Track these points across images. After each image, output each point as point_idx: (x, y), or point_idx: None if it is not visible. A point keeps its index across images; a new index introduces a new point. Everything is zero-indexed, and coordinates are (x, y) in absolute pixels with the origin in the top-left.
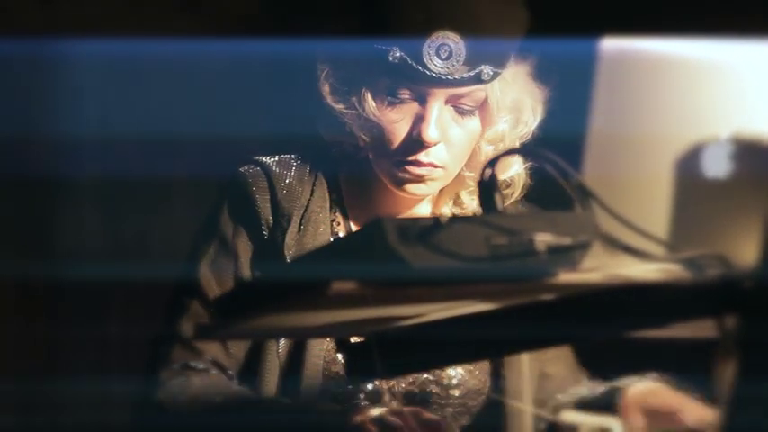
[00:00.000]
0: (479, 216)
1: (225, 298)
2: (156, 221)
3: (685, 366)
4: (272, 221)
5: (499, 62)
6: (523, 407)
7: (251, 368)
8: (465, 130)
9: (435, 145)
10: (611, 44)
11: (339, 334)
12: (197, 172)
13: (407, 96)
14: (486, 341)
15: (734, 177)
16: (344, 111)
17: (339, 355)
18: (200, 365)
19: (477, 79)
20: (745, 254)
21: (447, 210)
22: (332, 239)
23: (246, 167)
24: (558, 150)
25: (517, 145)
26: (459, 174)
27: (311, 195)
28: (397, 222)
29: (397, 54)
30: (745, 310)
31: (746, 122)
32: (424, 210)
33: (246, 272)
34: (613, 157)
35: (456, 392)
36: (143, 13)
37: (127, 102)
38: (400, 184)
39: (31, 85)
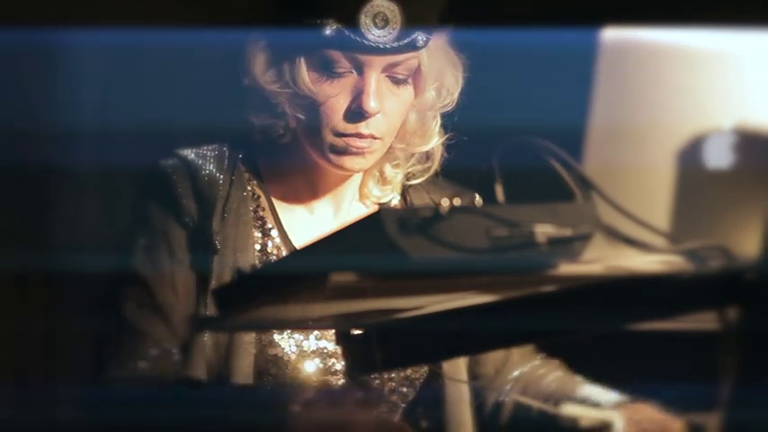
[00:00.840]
0: (479, 207)
1: (225, 290)
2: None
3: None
4: (195, 210)
5: (428, 29)
6: (460, 380)
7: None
8: (399, 100)
9: (375, 116)
10: (611, 34)
11: (338, 326)
12: None
13: (344, 69)
14: (486, 333)
15: (736, 168)
16: (278, 90)
17: (276, 338)
18: (150, 350)
19: (413, 46)
20: (747, 245)
21: (373, 186)
22: (256, 223)
23: (167, 161)
24: (558, 141)
25: (439, 113)
26: (389, 146)
27: (231, 184)
28: (397, 213)
29: (334, 26)
30: (748, 302)
31: (749, 113)
32: (351, 189)
33: (181, 259)
34: (614, 148)
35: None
36: (144, 3)
37: (126, 93)
38: (338, 159)
39: (29, 76)
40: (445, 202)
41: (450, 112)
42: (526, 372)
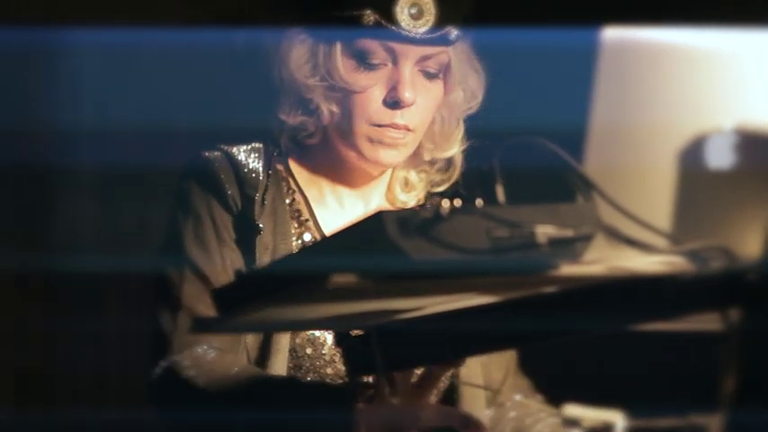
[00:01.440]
0: (480, 207)
1: (225, 291)
2: (155, 213)
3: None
4: (238, 197)
5: (460, 27)
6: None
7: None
8: (431, 95)
9: (410, 106)
10: (612, 34)
11: (339, 327)
12: None
13: (379, 60)
14: (487, 334)
15: (737, 169)
16: (314, 84)
17: (312, 334)
18: (209, 349)
19: (445, 39)
20: (748, 246)
21: (399, 192)
22: (293, 215)
23: (207, 152)
24: (559, 141)
25: (463, 117)
26: (418, 145)
27: (268, 178)
28: (398, 214)
29: (371, 18)
30: (750, 302)
31: (750, 113)
32: (379, 190)
33: (228, 242)
34: (615, 149)
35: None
36: (143, 2)
37: (125, 92)
38: (373, 150)
39: (29, 76)
40: (445, 204)
41: (472, 118)
42: (525, 403)
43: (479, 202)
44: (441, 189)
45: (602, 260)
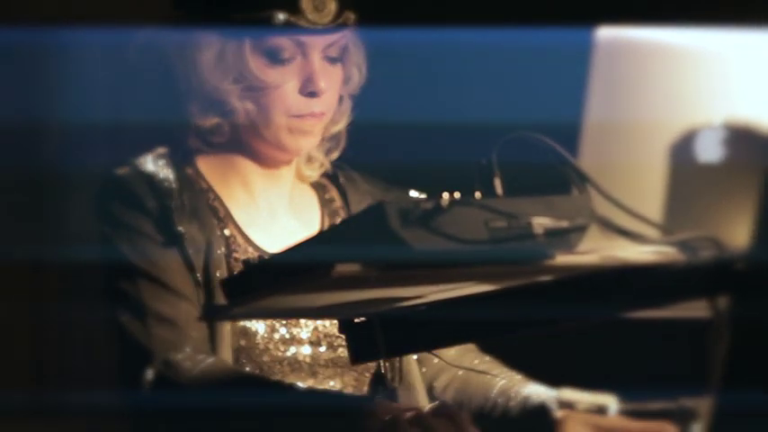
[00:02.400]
0: (479, 200)
1: (233, 280)
2: None
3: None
4: (156, 209)
5: (351, 10)
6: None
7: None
8: (335, 78)
9: (324, 94)
10: (606, 33)
11: (343, 315)
12: None
13: (290, 55)
14: (485, 322)
15: (726, 162)
16: (228, 87)
17: (243, 325)
18: (187, 348)
19: (345, 25)
20: (737, 236)
21: (305, 168)
22: (211, 212)
23: (121, 170)
24: (555, 136)
25: (348, 95)
26: None
27: (181, 181)
28: (399, 206)
29: (281, 17)
30: (738, 290)
31: (737, 109)
32: (290, 173)
33: (161, 246)
34: (609, 143)
35: None
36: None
37: (133, 93)
38: (294, 140)
39: (42, 76)
40: (446, 196)
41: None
42: (464, 361)
43: (478, 194)
44: (335, 156)
45: (596, 250)
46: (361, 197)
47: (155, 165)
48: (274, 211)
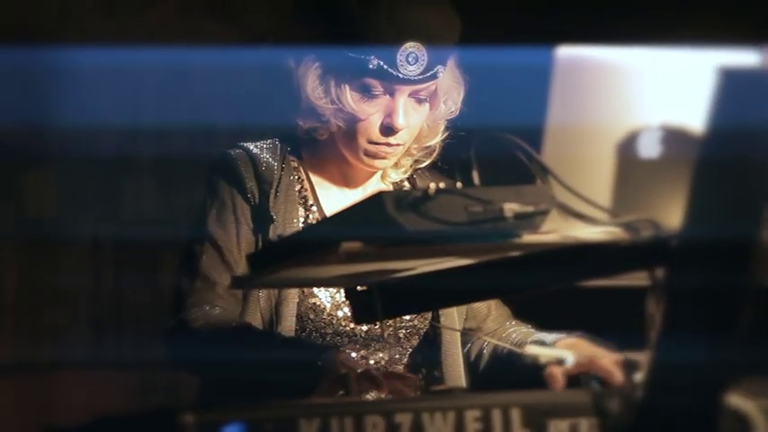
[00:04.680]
0: (460, 189)
1: (257, 255)
2: (199, 195)
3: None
4: (256, 190)
5: (446, 62)
6: (454, 329)
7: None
8: (419, 115)
9: (402, 130)
10: (564, 52)
11: (347, 283)
12: None
13: (379, 92)
14: (465, 289)
15: (662, 157)
16: (325, 105)
17: (315, 290)
18: (219, 299)
19: (434, 77)
20: (671, 219)
21: (391, 172)
22: (300, 201)
23: (232, 150)
24: (523, 137)
25: (445, 120)
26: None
27: (282, 170)
28: (394, 195)
29: (375, 62)
30: (672, 263)
31: (672, 114)
32: (376, 174)
33: (245, 226)
34: (567, 142)
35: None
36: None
37: (176, 101)
38: (370, 161)
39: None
40: (432, 186)
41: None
42: (500, 330)
43: (459, 184)
44: (422, 166)
45: (556, 230)
46: None
47: (261, 151)
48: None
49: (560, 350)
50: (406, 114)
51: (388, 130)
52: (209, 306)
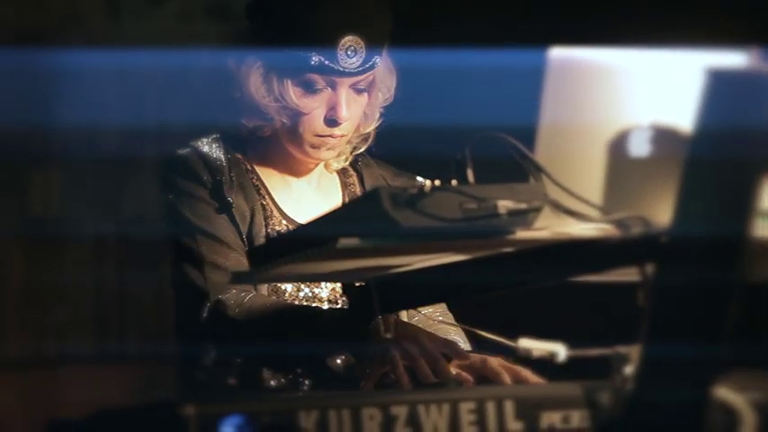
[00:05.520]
0: (455, 186)
1: (258, 250)
2: None
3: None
4: (210, 181)
5: (381, 51)
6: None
7: None
8: (360, 105)
9: (345, 121)
10: (557, 54)
11: (345, 279)
12: None
13: (321, 87)
14: (459, 284)
15: (652, 156)
16: (269, 103)
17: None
18: (241, 292)
19: (372, 68)
20: (660, 216)
21: (332, 160)
22: (254, 189)
23: (182, 150)
24: (516, 136)
25: (381, 108)
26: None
27: (230, 162)
28: (390, 191)
29: (316, 58)
30: (661, 260)
31: (661, 114)
32: (319, 168)
33: (216, 212)
34: (559, 141)
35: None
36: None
37: (178, 101)
38: (316, 152)
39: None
40: (428, 183)
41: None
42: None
43: (454, 182)
44: (360, 151)
45: (549, 227)
46: (374, 181)
47: (209, 147)
48: (303, 192)
49: (553, 344)
50: (348, 106)
51: (331, 122)
52: (234, 288)
